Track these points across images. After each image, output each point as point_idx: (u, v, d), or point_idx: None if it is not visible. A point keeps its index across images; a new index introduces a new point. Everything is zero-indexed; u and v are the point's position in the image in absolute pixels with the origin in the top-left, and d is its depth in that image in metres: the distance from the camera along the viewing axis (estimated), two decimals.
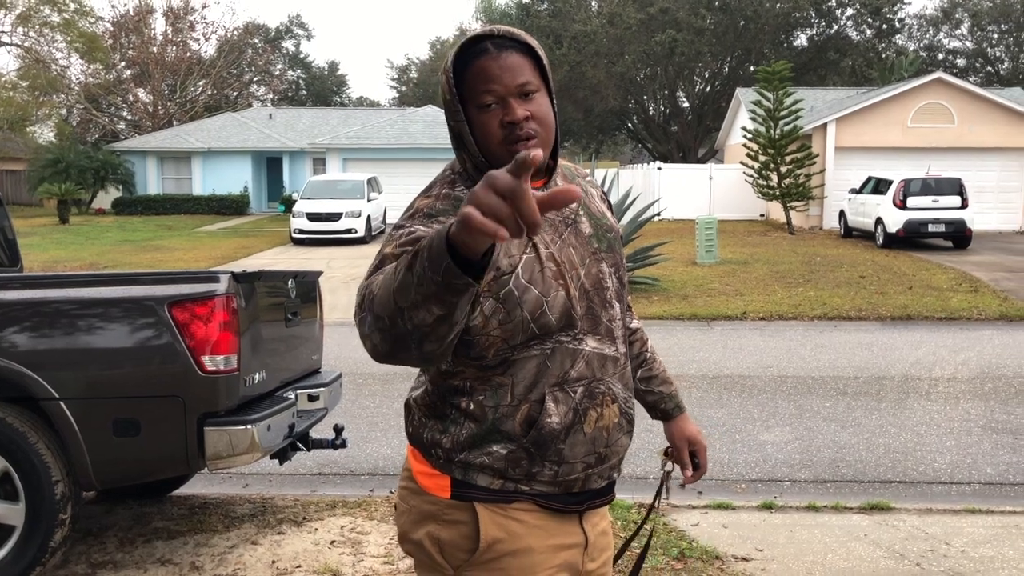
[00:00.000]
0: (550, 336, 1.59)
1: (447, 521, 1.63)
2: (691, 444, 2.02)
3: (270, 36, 55.91)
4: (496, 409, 1.59)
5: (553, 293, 1.58)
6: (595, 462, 1.67)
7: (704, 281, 14.58)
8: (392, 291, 1.27)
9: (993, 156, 23.68)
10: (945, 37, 47.51)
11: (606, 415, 1.66)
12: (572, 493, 1.67)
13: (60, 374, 3.63)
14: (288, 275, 4.51)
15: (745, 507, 4.86)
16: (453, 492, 1.63)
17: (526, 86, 1.58)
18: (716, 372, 8.59)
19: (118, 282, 3.83)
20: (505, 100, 1.57)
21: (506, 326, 1.56)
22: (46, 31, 38.20)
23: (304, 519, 4.64)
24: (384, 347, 1.34)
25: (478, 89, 1.58)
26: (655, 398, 2.01)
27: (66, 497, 3.66)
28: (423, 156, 29.18)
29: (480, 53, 1.58)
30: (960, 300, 12.58)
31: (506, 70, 1.57)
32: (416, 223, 1.55)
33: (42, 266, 17.02)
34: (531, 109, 1.58)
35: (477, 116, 1.59)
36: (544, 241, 1.61)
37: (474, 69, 1.58)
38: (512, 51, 1.58)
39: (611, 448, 1.69)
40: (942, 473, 5.65)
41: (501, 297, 1.55)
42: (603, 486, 1.72)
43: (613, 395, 1.68)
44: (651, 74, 40.62)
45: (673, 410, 2.02)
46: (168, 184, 34.28)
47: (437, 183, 1.67)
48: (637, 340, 2.01)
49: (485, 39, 1.59)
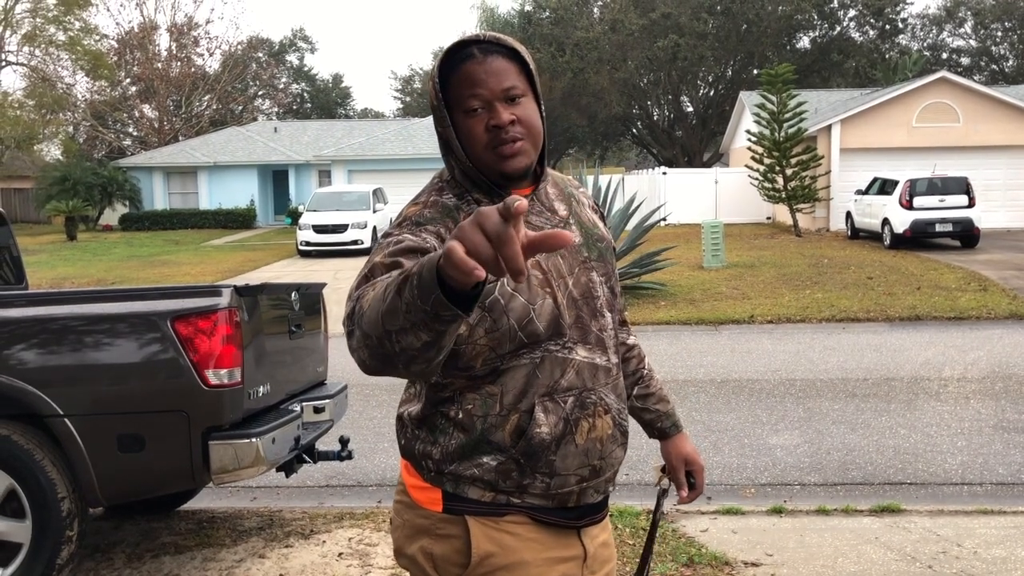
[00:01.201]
0: (538, 345, 1.57)
1: (439, 535, 1.62)
2: (688, 464, 1.99)
3: (274, 50, 56.13)
4: (485, 419, 1.58)
5: (540, 301, 1.57)
6: (590, 475, 1.64)
7: (711, 285, 14.54)
8: (381, 313, 1.26)
9: (1000, 154, 23.59)
10: (949, 36, 47.45)
11: (599, 426, 1.63)
12: (568, 508, 1.64)
13: (64, 391, 3.63)
14: (291, 288, 4.51)
15: (754, 512, 4.83)
16: (445, 505, 1.61)
17: (512, 90, 1.58)
18: (724, 376, 8.56)
19: (121, 298, 3.84)
20: (491, 104, 1.57)
21: (493, 335, 1.55)
22: (52, 50, 38.45)
23: (312, 531, 4.63)
24: (372, 363, 1.33)
25: (464, 94, 1.58)
26: (652, 416, 1.98)
27: (72, 514, 3.66)
28: (428, 166, 29.24)
29: (466, 58, 1.58)
30: (969, 300, 12.52)
31: (492, 74, 1.56)
32: (404, 231, 1.55)
33: (50, 283, 17.08)
34: (517, 113, 1.58)
35: (463, 121, 1.59)
36: None
37: (460, 74, 1.58)
38: (498, 56, 1.58)
39: (605, 460, 1.66)
40: (953, 474, 5.60)
41: (487, 306, 1.54)
42: (599, 500, 1.70)
43: (606, 406, 1.65)
44: (654, 79, 40.66)
45: (670, 429, 1.99)
46: (175, 199, 34.43)
47: (425, 191, 1.67)
48: (634, 357, 1.98)
49: (471, 44, 1.59)
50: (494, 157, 1.58)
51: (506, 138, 1.57)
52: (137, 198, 33.32)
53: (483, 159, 1.59)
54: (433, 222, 1.56)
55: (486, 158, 1.59)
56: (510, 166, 1.59)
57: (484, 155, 1.59)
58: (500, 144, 1.57)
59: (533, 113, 1.61)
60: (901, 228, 18.63)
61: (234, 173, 34.30)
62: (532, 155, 1.62)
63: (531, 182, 1.67)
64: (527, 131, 1.59)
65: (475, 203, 1.61)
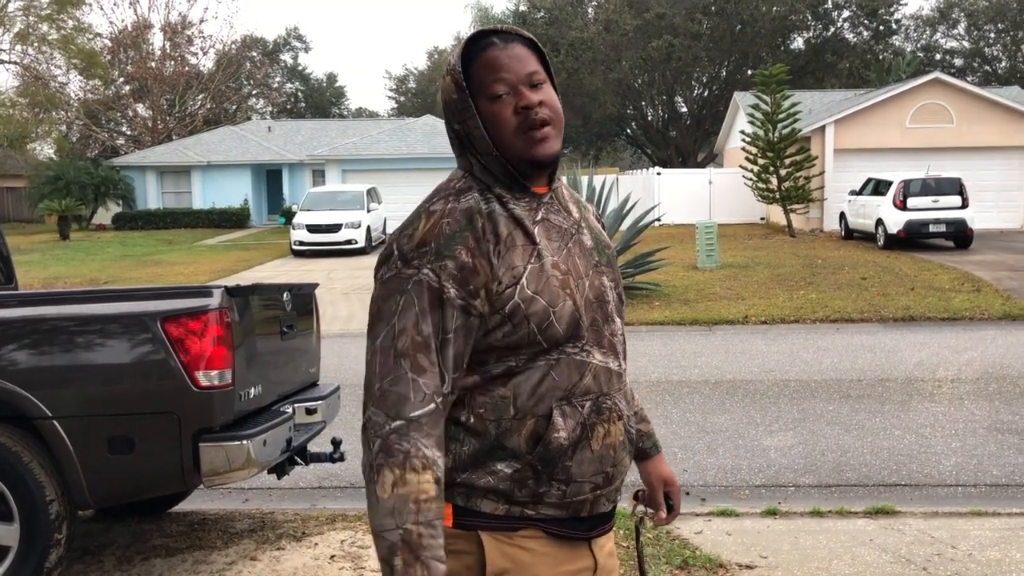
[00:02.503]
0: (556, 347, 1.55)
1: (451, 551, 1.54)
2: (666, 484, 1.95)
3: (268, 49, 56.00)
4: (499, 423, 1.54)
5: (560, 303, 1.54)
6: (603, 482, 1.61)
7: (705, 286, 14.54)
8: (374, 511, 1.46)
9: (993, 155, 23.63)
10: (942, 37, 47.52)
11: (613, 432, 1.60)
12: (581, 518, 1.61)
13: (53, 392, 3.60)
14: (283, 288, 4.48)
15: (749, 514, 4.82)
16: (456, 520, 1.56)
17: (535, 75, 1.57)
18: (718, 377, 8.55)
19: (111, 298, 3.81)
20: (517, 88, 1.56)
21: (510, 339, 1.53)
22: (44, 48, 38.25)
23: (304, 534, 4.60)
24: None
25: (488, 80, 1.56)
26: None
27: (61, 517, 3.62)
28: (422, 166, 29.17)
29: (487, 47, 1.57)
30: (963, 300, 12.53)
31: (515, 59, 1.56)
32: (425, 266, 1.49)
33: (42, 282, 17.01)
34: (542, 97, 1.57)
35: (488, 107, 1.56)
36: (550, 248, 1.57)
37: (482, 61, 1.56)
38: (518, 43, 1.59)
39: (617, 468, 1.63)
40: (947, 475, 5.60)
41: (507, 312, 1.51)
42: (609, 509, 1.67)
43: (619, 412, 1.62)
44: (649, 80, 40.63)
45: (650, 449, 1.95)
46: (168, 198, 34.31)
47: (441, 196, 1.58)
48: None
49: (490, 35, 1.59)
50: (525, 142, 1.55)
51: (536, 120, 1.55)
52: (130, 197, 33.19)
53: (513, 145, 1.56)
54: (453, 241, 1.50)
55: (516, 144, 1.55)
56: (542, 151, 1.56)
57: (514, 141, 1.55)
58: (531, 127, 1.55)
59: (555, 99, 1.60)
60: (895, 229, 18.65)
61: (228, 172, 34.19)
62: (559, 142, 1.60)
63: (546, 182, 1.64)
64: (553, 114, 1.58)
65: (496, 200, 1.56)
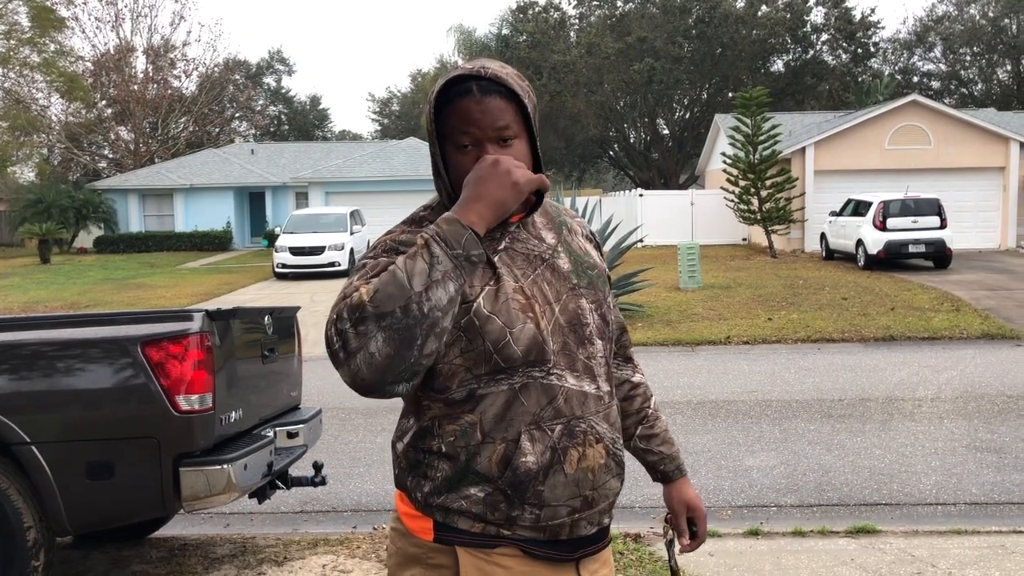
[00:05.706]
0: (517, 370, 1.56)
1: (431, 565, 1.60)
2: (690, 510, 1.92)
3: (251, 72, 55.99)
4: (467, 449, 1.56)
5: (519, 325, 1.56)
6: (582, 506, 1.60)
7: (687, 306, 14.60)
8: (407, 277, 1.42)
9: (971, 176, 23.92)
10: (919, 60, 48.13)
11: (590, 455, 1.60)
12: (561, 541, 1.61)
13: (32, 418, 3.58)
14: (264, 311, 4.48)
15: (731, 534, 4.83)
16: (436, 535, 1.60)
17: (504, 131, 1.58)
18: (701, 397, 8.57)
19: (90, 323, 3.79)
20: (481, 144, 1.58)
21: (467, 355, 1.55)
22: (26, 71, 38.15)
23: (285, 559, 4.57)
24: (385, 350, 1.40)
25: (457, 129, 1.59)
26: (655, 458, 1.92)
27: (38, 543, 3.59)
28: (405, 188, 29.23)
29: (464, 93, 1.58)
30: (942, 320, 12.64)
31: (486, 114, 1.57)
32: (381, 255, 1.56)
33: (23, 307, 16.87)
34: (508, 155, 1.57)
35: (454, 155, 1.60)
36: (513, 275, 1.60)
37: (455, 108, 1.59)
38: (496, 96, 1.58)
39: (598, 491, 1.62)
40: (927, 494, 5.63)
41: (462, 326, 1.54)
42: (594, 532, 1.65)
43: (597, 435, 1.62)
44: (631, 102, 40.93)
45: (673, 472, 1.92)
46: (150, 221, 34.17)
47: (405, 221, 1.69)
48: (639, 395, 1.93)
49: (470, 80, 1.59)
50: None
51: None
52: (112, 220, 33.04)
53: None
54: (408, 246, 1.56)
55: None
56: None
57: None
58: None
59: (523, 157, 1.61)
60: (875, 249, 18.82)
61: (210, 195, 34.10)
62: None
63: (521, 209, 1.67)
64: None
65: None
